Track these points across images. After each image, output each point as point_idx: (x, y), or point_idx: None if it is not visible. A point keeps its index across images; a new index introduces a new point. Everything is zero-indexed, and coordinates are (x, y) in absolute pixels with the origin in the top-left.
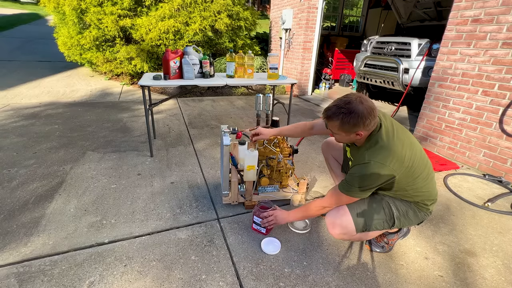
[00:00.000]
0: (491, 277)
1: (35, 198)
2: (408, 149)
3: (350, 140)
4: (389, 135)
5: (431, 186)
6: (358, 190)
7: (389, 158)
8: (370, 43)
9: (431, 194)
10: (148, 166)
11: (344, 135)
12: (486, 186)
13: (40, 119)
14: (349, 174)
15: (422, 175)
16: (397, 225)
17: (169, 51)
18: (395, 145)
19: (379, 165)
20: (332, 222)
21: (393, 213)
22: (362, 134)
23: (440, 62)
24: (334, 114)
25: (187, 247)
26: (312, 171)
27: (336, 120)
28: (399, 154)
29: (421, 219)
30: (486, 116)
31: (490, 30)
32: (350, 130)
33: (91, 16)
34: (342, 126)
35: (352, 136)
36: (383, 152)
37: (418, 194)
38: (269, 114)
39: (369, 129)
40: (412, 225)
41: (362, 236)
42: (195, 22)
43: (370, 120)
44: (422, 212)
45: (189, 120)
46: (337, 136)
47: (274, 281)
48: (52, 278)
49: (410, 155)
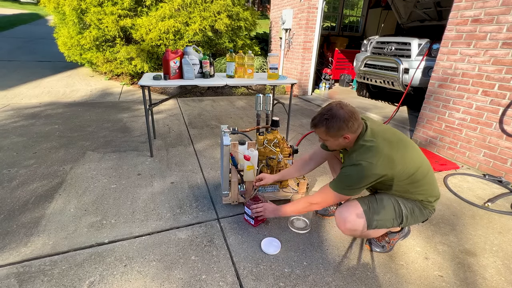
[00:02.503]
0: (491, 277)
1: (35, 198)
2: (396, 148)
3: (340, 144)
4: (376, 136)
5: (432, 184)
6: (347, 189)
7: (376, 157)
8: (370, 43)
9: (433, 191)
10: (148, 166)
11: (333, 141)
12: (486, 186)
13: (40, 119)
14: (339, 174)
15: (419, 173)
16: (404, 223)
17: (169, 51)
18: (382, 145)
19: (367, 164)
20: (344, 218)
21: (402, 210)
22: (349, 137)
23: (440, 62)
24: (319, 122)
25: (187, 247)
26: (312, 171)
27: (322, 126)
28: (387, 153)
29: (426, 216)
30: (486, 116)
31: (490, 30)
32: (336, 134)
33: (91, 16)
34: (328, 131)
35: (340, 140)
36: (370, 152)
37: (420, 192)
38: (269, 114)
39: (354, 131)
40: (417, 223)
41: (371, 233)
42: (195, 22)
43: (352, 122)
44: (427, 209)
45: (189, 120)
46: (328, 143)
47: (274, 281)
48: (52, 278)
49: (401, 155)
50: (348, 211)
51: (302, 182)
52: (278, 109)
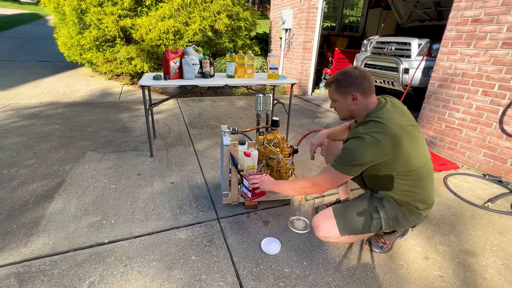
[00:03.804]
0: (491, 277)
1: (35, 198)
2: (409, 136)
3: (349, 108)
4: (389, 116)
5: (428, 188)
6: (345, 165)
7: (383, 134)
8: (370, 43)
9: (425, 198)
10: (148, 166)
11: (342, 101)
12: (486, 186)
13: (40, 119)
14: (342, 148)
15: (418, 172)
16: (385, 228)
17: (169, 51)
18: (393, 125)
19: (371, 139)
20: (317, 225)
21: (381, 217)
22: (358, 98)
23: (440, 62)
24: (332, 78)
25: (187, 247)
26: (312, 171)
27: (333, 84)
28: (396, 134)
29: (413, 222)
30: (486, 116)
31: (490, 30)
32: (345, 91)
33: (91, 16)
34: (338, 88)
35: (349, 100)
36: (377, 128)
37: (409, 193)
38: (269, 114)
39: (363, 91)
40: (403, 228)
41: (349, 238)
42: (194, 22)
43: (362, 79)
44: (414, 215)
45: (189, 120)
46: (338, 106)
47: (274, 281)
48: (52, 278)
49: (410, 144)
50: (320, 219)
51: None
52: (278, 109)
